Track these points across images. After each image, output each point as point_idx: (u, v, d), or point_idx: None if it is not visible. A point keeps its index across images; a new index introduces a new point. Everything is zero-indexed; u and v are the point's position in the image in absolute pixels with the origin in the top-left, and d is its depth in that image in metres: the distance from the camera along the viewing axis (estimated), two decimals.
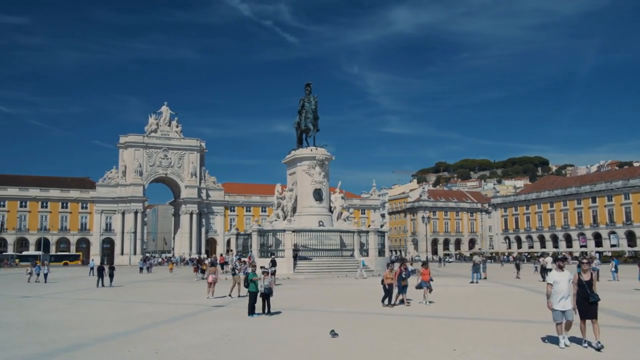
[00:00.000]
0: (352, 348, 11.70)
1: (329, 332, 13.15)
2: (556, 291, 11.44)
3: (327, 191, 50.31)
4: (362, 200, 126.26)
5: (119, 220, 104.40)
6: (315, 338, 13.00)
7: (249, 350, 11.64)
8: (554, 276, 11.71)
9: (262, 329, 14.72)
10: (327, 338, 12.79)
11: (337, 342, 12.42)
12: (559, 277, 11.62)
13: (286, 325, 15.47)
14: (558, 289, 11.45)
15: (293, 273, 42.52)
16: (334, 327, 14.29)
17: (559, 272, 11.80)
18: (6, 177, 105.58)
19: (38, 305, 23.49)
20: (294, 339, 12.99)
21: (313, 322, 16.06)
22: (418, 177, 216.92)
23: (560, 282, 11.52)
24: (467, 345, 11.80)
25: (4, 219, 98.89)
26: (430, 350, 11.34)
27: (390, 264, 22.55)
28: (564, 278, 11.57)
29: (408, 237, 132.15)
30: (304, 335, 13.60)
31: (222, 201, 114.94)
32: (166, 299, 25.57)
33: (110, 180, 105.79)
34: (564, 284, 11.48)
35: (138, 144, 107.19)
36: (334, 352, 11.30)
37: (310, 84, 52.74)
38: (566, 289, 11.43)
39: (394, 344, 12.12)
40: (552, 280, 11.62)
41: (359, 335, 13.36)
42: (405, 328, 14.70)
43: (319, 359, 10.79)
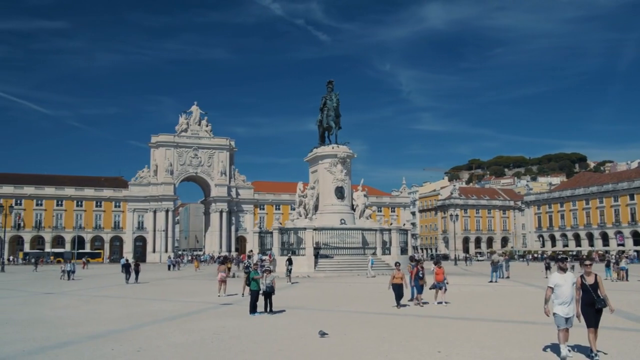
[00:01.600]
0: (335, 348, 11.53)
1: (324, 332, 13.00)
2: (557, 295, 10.33)
3: (349, 189, 50.06)
4: (392, 198, 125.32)
5: (150, 218, 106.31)
6: (304, 337, 12.88)
7: (229, 349, 11.58)
8: (555, 279, 10.50)
9: (256, 328, 14.67)
10: (315, 337, 12.66)
11: (323, 341, 12.28)
12: (561, 279, 10.40)
13: (281, 324, 15.38)
14: (560, 293, 10.31)
15: (314, 271, 42.43)
16: (331, 327, 14.23)
17: (560, 274, 10.52)
18: (43, 177, 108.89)
19: (54, 302, 24.02)
20: (281, 338, 12.88)
21: (310, 322, 15.90)
22: (450, 175, 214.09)
23: (562, 285, 10.33)
24: (454, 347, 11.49)
25: (41, 218, 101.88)
26: (413, 352, 11.07)
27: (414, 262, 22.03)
28: (566, 281, 10.36)
29: (439, 236, 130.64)
30: (294, 334, 13.49)
31: (252, 199, 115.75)
32: (179, 297, 25.82)
33: (142, 180, 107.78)
34: (567, 288, 10.30)
35: (169, 144, 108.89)
36: (313, 351, 11.18)
37: (332, 81, 52.58)
38: (569, 292, 10.27)
39: (380, 344, 11.89)
40: (552, 284, 10.46)
41: (348, 336, 13.15)
42: (401, 329, 14.41)
43: (294, 358, 10.66)
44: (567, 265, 10.86)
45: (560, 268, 10.62)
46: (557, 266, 10.75)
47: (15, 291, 31.23)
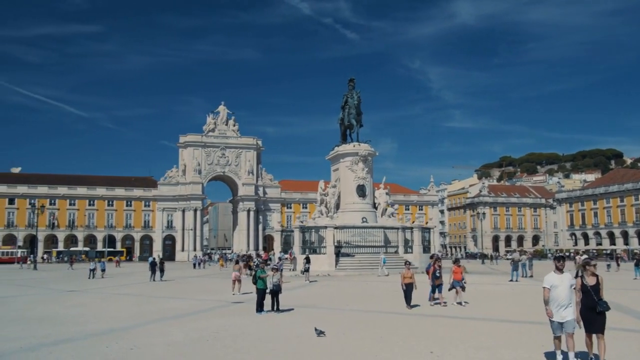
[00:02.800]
0: (327, 347, 11.44)
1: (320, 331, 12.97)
2: (553, 298, 9.43)
3: (370, 187, 49.81)
4: (420, 196, 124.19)
5: (179, 217, 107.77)
6: (301, 337, 12.83)
7: (223, 348, 11.58)
8: (550, 279, 9.61)
9: (257, 327, 14.69)
10: (312, 337, 12.61)
11: (318, 341, 12.21)
12: (557, 280, 9.54)
13: (284, 323, 15.36)
14: (555, 296, 9.42)
15: (335, 270, 42.36)
16: (334, 326, 14.25)
17: (557, 275, 9.63)
18: (76, 177, 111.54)
19: (73, 299, 24.56)
20: (278, 338, 12.86)
21: (314, 321, 15.78)
22: (481, 172, 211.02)
23: (558, 286, 9.46)
24: (450, 347, 11.27)
25: (74, 217, 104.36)
26: (406, 352, 10.90)
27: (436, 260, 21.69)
28: (563, 282, 9.50)
29: (468, 234, 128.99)
30: (293, 333, 13.44)
31: (279, 198, 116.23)
32: (195, 295, 26.14)
33: (171, 179, 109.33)
34: (563, 290, 9.45)
35: (197, 143, 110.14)
36: (304, 351, 11.13)
37: (353, 79, 52.39)
38: (565, 295, 9.43)
39: (375, 344, 11.76)
40: (548, 284, 9.56)
41: (347, 335, 13.04)
42: (403, 328, 14.23)
43: (284, 358, 10.63)
44: (564, 265, 9.86)
45: (557, 268, 9.77)
46: (555, 265, 9.90)
47: (41, 289, 32.05)
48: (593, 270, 9.64)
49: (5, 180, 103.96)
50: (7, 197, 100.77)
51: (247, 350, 11.38)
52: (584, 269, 9.81)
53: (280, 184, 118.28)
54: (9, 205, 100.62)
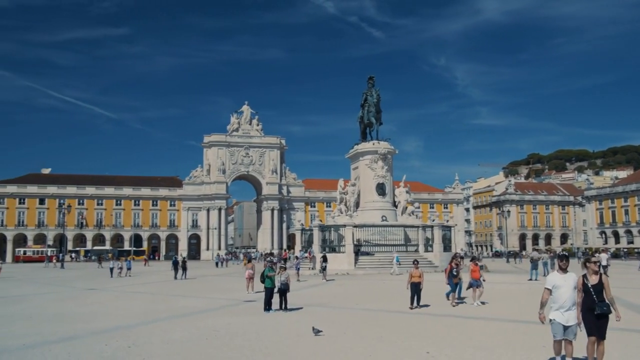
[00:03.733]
0: (322, 346, 11.37)
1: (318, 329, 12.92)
2: (555, 299, 8.86)
3: (390, 185, 49.49)
4: (445, 194, 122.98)
5: (204, 216, 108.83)
6: (301, 336, 12.79)
7: (218, 346, 11.60)
8: (553, 279, 9.03)
9: (259, 325, 14.68)
10: (312, 336, 12.56)
11: (315, 340, 12.16)
12: (560, 280, 8.91)
13: (287, 322, 15.31)
14: (558, 297, 8.83)
15: (354, 268, 42.20)
16: (337, 325, 14.25)
17: (560, 275, 9.02)
18: (104, 177, 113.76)
19: (90, 297, 24.96)
20: (276, 336, 12.82)
21: (319, 320, 15.72)
22: (508, 170, 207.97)
23: (561, 287, 8.84)
24: (448, 348, 11.08)
25: (102, 217, 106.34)
26: (401, 352, 10.75)
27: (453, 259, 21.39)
28: (566, 282, 8.86)
29: (494, 232, 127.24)
30: (292, 332, 13.38)
31: (303, 197, 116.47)
32: (209, 294, 26.32)
33: (195, 179, 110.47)
34: (567, 291, 8.80)
35: (221, 143, 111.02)
36: (298, 349, 11.09)
37: (372, 77, 52.13)
38: (569, 296, 8.77)
39: (372, 344, 11.64)
40: (550, 285, 8.99)
41: (346, 335, 12.95)
42: (405, 328, 14.05)
43: (275, 357, 10.58)
44: (567, 264, 9.14)
45: (560, 267, 9.14)
46: (557, 265, 9.26)
47: (62, 287, 32.68)
48: (595, 269, 8.93)
49: (36, 180, 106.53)
50: (38, 198, 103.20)
51: (241, 348, 11.38)
52: (585, 267, 9.13)
53: (304, 183, 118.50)
54: (39, 205, 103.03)
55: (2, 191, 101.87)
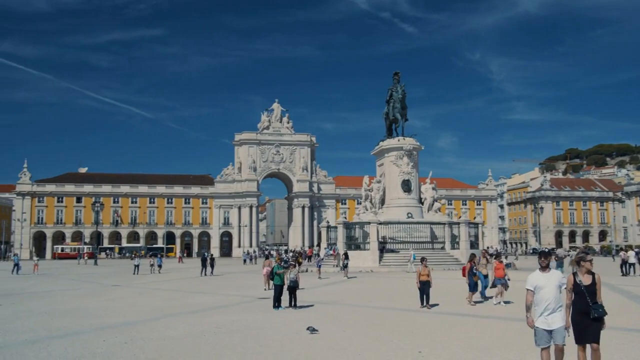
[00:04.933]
0: (315, 345, 11.31)
1: (314, 328, 12.84)
2: (538, 301, 7.94)
3: (416, 182, 48.94)
4: (478, 191, 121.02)
5: (235, 214, 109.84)
6: (299, 334, 12.70)
7: (213, 343, 11.64)
8: (534, 279, 8.09)
9: (262, 323, 14.68)
10: (315, 334, 12.51)
11: (310, 338, 12.11)
12: (542, 280, 8.00)
13: (292, 320, 15.23)
14: (540, 298, 7.91)
15: (378, 266, 41.96)
16: (340, 323, 14.22)
17: (542, 273, 8.10)
18: (138, 176, 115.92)
19: (111, 293, 25.48)
20: (276, 334, 12.78)
21: (325, 318, 15.69)
22: (546, 166, 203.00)
23: (544, 287, 7.92)
24: (442, 347, 10.84)
25: (136, 214, 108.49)
26: (393, 351, 10.57)
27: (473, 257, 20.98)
28: (550, 281, 7.95)
29: (529, 229, 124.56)
30: (291, 330, 13.27)
31: (333, 194, 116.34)
32: (227, 290, 26.47)
33: (227, 177, 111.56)
34: (550, 290, 7.89)
35: (251, 141, 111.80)
36: (289, 347, 11.00)
37: (398, 72, 51.65)
38: (552, 297, 7.85)
39: (366, 343, 11.50)
40: (531, 286, 8.05)
41: (345, 333, 12.82)
42: (407, 327, 13.80)
43: (265, 355, 10.51)
44: (550, 261, 8.30)
45: (542, 266, 8.15)
46: (539, 263, 8.27)
47: (89, 283, 33.47)
48: (589, 267, 8.08)
49: (73, 180, 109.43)
50: (75, 196, 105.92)
51: (234, 346, 11.38)
52: (577, 266, 8.23)
53: (335, 180, 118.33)
54: (76, 203, 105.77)
55: (41, 190, 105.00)
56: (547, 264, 8.22)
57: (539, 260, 8.26)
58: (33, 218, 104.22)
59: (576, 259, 8.35)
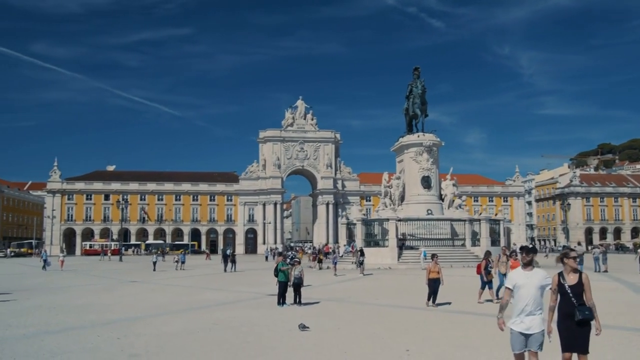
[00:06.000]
0: (304, 342, 11.22)
1: (305, 325, 12.74)
2: (516, 301, 7.20)
3: (436, 178, 48.35)
4: (505, 187, 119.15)
5: (260, 211, 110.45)
6: (291, 332, 12.59)
7: (202, 340, 11.63)
8: (514, 277, 7.33)
9: (261, 320, 14.64)
10: (306, 331, 12.40)
11: (300, 335, 12.04)
12: (523, 278, 7.20)
13: (292, 317, 15.10)
14: (519, 298, 7.14)
15: (397, 263, 41.63)
16: (338, 321, 14.14)
17: (524, 271, 7.32)
18: (164, 173, 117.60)
19: (125, 289, 25.80)
20: (267, 331, 12.69)
21: (325, 315, 15.58)
22: (577, 161, 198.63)
23: (523, 286, 7.12)
24: (432, 346, 10.62)
25: (162, 212, 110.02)
26: (381, 350, 10.39)
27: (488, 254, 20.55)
28: (530, 280, 7.13)
29: (558, 226, 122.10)
30: (286, 328, 13.12)
31: (358, 191, 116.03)
32: (239, 287, 26.56)
33: (251, 174, 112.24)
34: (529, 290, 7.08)
35: (276, 138, 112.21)
36: (277, 345, 10.92)
37: (418, 67, 50.99)
38: (532, 297, 7.04)
39: (355, 341, 11.36)
40: (511, 284, 7.30)
41: (338, 331, 12.67)
42: (404, 325, 13.60)
43: (251, 351, 10.43)
44: (532, 258, 7.41)
45: (525, 263, 7.38)
46: (522, 259, 7.51)
47: (108, 279, 33.99)
48: (574, 265, 7.28)
49: (101, 177, 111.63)
50: (103, 194, 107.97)
51: (223, 342, 11.36)
52: (562, 263, 7.45)
53: (360, 177, 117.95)
54: (104, 201, 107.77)
55: (71, 188, 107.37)
56: (530, 260, 7.40)
57: (521, 256, 7.51)
58: (63, 215, 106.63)
59: (560, 255, 7.57)
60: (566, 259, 7.33)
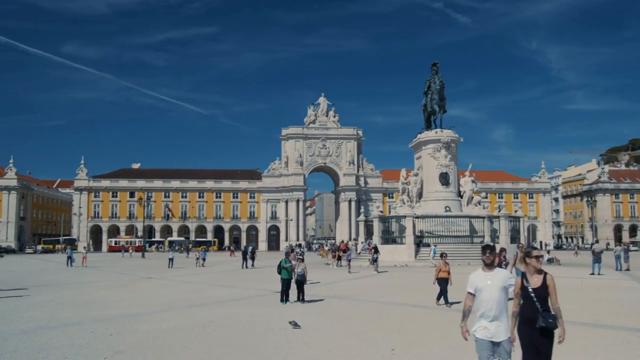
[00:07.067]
0: (291, 340, 11.15)
1: (296, 323, 12.69)
2: (477, 305, 6.56)
3: (454, 175, 47.76)
4: (530, 183, 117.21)
5: (282, 208, 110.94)
6: (284, 329, 12.55)
7: (193, 336, 11.65)
8: (474, 280, 6.61)
9: (256, 317, 14.63)
10: (298, 329, 12.34)
11: (292, 333, 11.97)
12: (483, 280, 6.52)
13: (291, 315, 15.01)
14: (480, 302, 6.49)
15: (414, 260, 41.32)
16: (334, 319, 14.14)
17: (484, 272, 6.60)
18: (188, 171, 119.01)
19: (138, 285, 26.13)
20: (260, 329, 12.65)
21: (329, 313, 15.50)
22: (607, 157, 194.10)
23: (484, 289, 6.46)
24: (417, 345, 10.48)
25: (186, 209, 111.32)
26: (366, 349, 10.27)
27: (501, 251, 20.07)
28: (492, 282, 6.44)
29: (585, 223, 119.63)
30: (280, 326, 13.09)
31: (380, 188, 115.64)
32: (249, 284, 26.66)
33: (274, 171, 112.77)
34: (492, 293, 6.40)
35: (298, 135, 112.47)
36: (264, 343, 10.87)
37: (436, 63, 50.43)
38: (495, 301, 6.37)
39: (344, 339, 11.26)
40: (472, 287, 6.60)
41: (331, 328, 12.60)
42: (400, 324, 13.43)
43: (235, 348, 10.39)
44: (493, 258, 6.63)
45: (486, 263, 6.61)
46: (483, 259, 6.67)
47: (125, 275, 34.50)
48: (536, 265, 6.54)
49: (126, 175, 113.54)
50: (128, 191, 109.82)
51: (211, 339, 11.37)
52: (524, 263, 6.75)
53: (383, 174, 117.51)
54: (129, 198, 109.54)
55: (97, 185, 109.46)
56: (492, 260, 6.60)
57: (483, 256, 6.62)
58: (90, 212, 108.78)
59: (524, 253, 6.79)
60: (528, 259, 6.62)
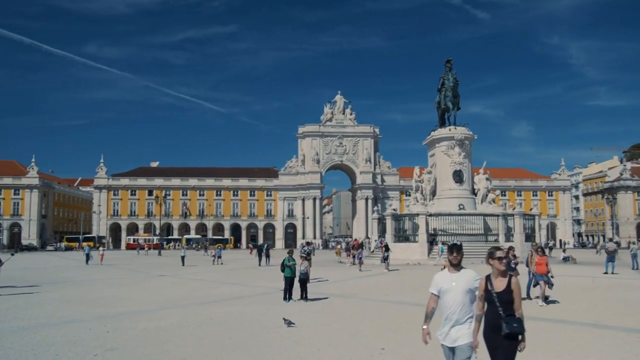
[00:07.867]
0: (282, 339, 11.16)
1: (290, 321, 12.71)
2: (442, 309, 6.22)
3: (468, 172, 47.32)
4: (550, 181, 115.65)
5: (299, 206, 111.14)
6: (280, 327, 12.55)
7: (187, 334, 11.72)
8: (439, 281, 6.27)
9: (255, 315, 14.67)
10: (294, 327, 12.35)
11: (286, 331, 11.96)
12: (448, 282, 6.17)
13: (286, 313, 14.97)
14: (444, 305, 6.16)
15: (427, 258, 41.08)
16: (332, 317, 14.14)
17: (450, 274, 6.24)
18: (205, 169, 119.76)
19: (148, 283, 26.39)
20: (255, 327, 12.68)
21: (331, 311, 15.51)
22: (630, 154, 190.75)
23: (449, 291, 6.11)
24: (407, 344, 10.40)
25: (203, 207, 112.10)
26: (356, 347, 10.22)
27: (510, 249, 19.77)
28: (457, 284, 6.08)
29: (606, 221, 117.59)
30: (275, 324, 13.08)
31: (397, 186, 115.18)
32: (258, 282, 26.71)
33: (290, 169, 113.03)
34: (456, 296, 6.05)
35: (314, 133, 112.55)
36: (254, 341, 10.88)
37: (450, 60, 49.96)
38: (458, 304, 6.04)
39: (336, 338, 11.24)
40: (435, 289, 6.27)
41: (326, 327, 12.59)
42: (397, 323, 13.37)
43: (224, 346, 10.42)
44: (460, 258, 6.22)
45: (453, 263, 6.23)
46: (449, 259, 6.31)
47: (138, 273, 34.85)
48: (499, 267, 6.14)
49: (144, 173, 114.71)
50: (147, 189, 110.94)
51: (202, 338, 11.41)
52: (489, 264, 6.30)
53: (400, 171, 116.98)
54: (148, 196, 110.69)
55: (116, 184, 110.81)
56: (459, 261, 6.22)
57: (450, 256, 6.25)
58: (109, 210, 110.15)
59: (488, 253, 6.34)
60: (491, 260, 6.20)
